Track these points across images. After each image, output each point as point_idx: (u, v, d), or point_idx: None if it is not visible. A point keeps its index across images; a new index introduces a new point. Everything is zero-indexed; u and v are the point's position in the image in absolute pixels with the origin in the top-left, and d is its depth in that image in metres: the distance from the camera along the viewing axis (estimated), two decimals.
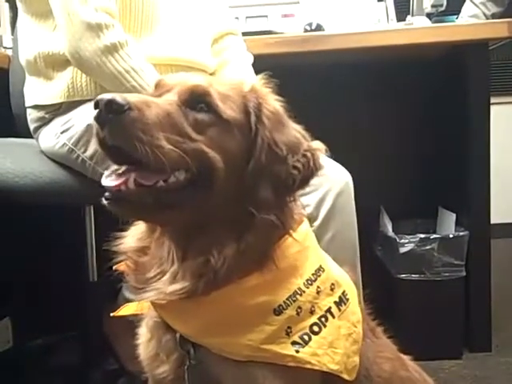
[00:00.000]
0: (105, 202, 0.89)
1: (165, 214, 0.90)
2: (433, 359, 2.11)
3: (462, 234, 2.21)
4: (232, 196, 0.91)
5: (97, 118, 0.87)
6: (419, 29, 2.26)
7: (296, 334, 0.94)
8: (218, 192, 0.90)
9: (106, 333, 1.87)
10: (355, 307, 1.04)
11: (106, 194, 0.89)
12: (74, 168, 1.65)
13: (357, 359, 0.98)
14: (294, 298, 0.94)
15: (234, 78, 1.31)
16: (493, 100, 2.27)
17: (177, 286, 0.91)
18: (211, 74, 1.83)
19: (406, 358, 1.09)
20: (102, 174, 1.55)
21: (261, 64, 1.87)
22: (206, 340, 0.94)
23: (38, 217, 2.11)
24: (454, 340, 2.21)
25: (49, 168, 1.67)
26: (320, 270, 1.00)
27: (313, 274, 0.98)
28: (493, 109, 2.23)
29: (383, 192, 2.53)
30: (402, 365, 1.06)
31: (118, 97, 0.85)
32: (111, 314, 1.12)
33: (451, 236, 2.21)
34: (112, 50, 1.53)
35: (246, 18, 2.89)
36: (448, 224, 2.36)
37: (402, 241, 2.20)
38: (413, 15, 2.60)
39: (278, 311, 0.93)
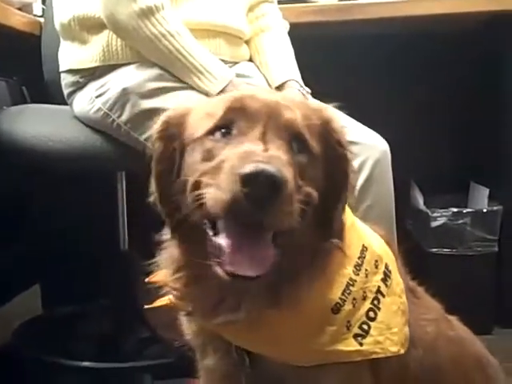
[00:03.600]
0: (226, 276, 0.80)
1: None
2: None
3: (495, 208, 2.18)
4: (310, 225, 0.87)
5: (254, 196, 0.74)
6: None
7: (355, 325, 0.91)
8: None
9: (137, 300, 1.87)
10: (397, 276, 1.01)
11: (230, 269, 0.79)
12: (108, 133, 1.64)
13: (407, 330, 0.96)
14: (348, 291, 0.92)
15: (313, 103, 1.19)
16: None
17: (247, 311, 0.87)
18: (246, 42, 1.81)
19: (452, 317, 1.07)
20: (136, 139, 1.57)
21: (297, 33, 1.86)
22: (268, 351, 0.91)
23: (70, 184, 2.12)
24: (485, 315, 2.18)
25: (82, 132, 1.67)
26: (364, 250, 0.97)
27: (359, 258, 0.95)
28: None
29: (414, 166, 2.50)
30: (447, 325, 1.03)
31: (276, 171, 0.74)
32: (145, 307, 1.10)
33: (484, 210, 2.18)
34: (148, 13, 1.51)
35: None
36: (481, 199, 2.32)
37: (435, 215, 2.17)
38: None
39: (336, 309, 0.90)
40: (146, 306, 1.11)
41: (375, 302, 0.94)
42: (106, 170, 1.86)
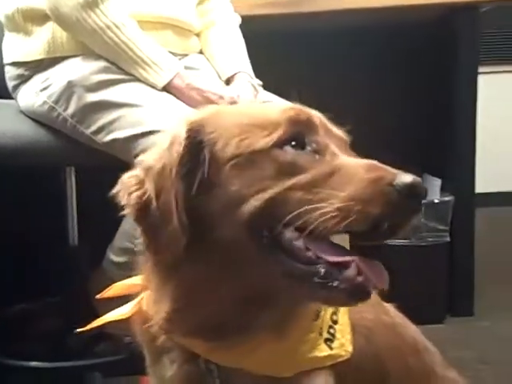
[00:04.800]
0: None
1: None
2: (416, 324, 2.11)
3: (447, 199, 2.21)
4: None
5: (414, 206, 0.72)
6: None
7: (325, 330, 0.88)
8: None
9: (87, 297, 1.84)
10: None
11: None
12: (54, 127, 1.60)
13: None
14: None
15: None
16: (481, 69, 2.26)
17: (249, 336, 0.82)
18: (196, 35, 1.80)
19: (387, 304, 1.06)
20: (82, 133, 1.55)
21: (250, 26, 1.84)
22: (248, 365, 0.85)
23: (18, 179, 2.07)
24: (437, 304, 2.22)
25: (28, 127, 1.63)
26: None
27: None
28: (481, 77, 2.22)
29: (370, 157, 2.51)
30: (384, 311, 1.03)
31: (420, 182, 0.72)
32: (97, 297, 1.06)
33: (436, 201, 2.21)
34: (92, 4, 1.49)
35: None
36: (433, 190, 2.35)
37: None
38: None
39: (316, 316, 0.88)
40: (97, 297, 1.07)
41: None
42: (54, 166, 1.82)
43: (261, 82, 1.70)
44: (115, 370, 1.74)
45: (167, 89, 1.53)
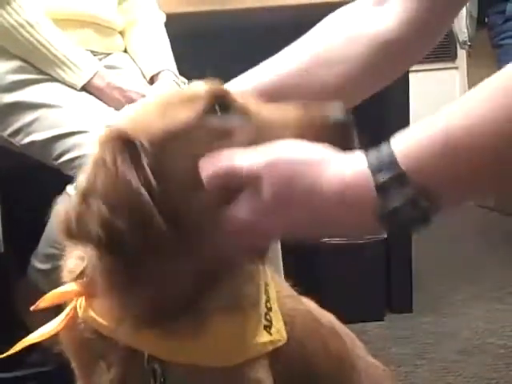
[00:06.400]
0: None
1: None
2: (356, 322, 2.11)
3: None
4: None
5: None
6: None
7: (262, 316, 0.87)
8: None
9: (15, 306, 1.78)
10: None
11: None
12: None
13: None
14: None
15: None
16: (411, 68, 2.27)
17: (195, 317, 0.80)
18: (120, 33, 1.75)
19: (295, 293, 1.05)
20: (0, 136, 1.48)
21: (175, 24, 1.81)
22: (196, 358, 0.83)
23: None
24: (376, 302, 2.22)
25: None
26: None
27: None
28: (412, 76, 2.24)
29: None
30: (299, 300, 1.02)
31: None
32: (31, 308, 1.00)
33: None
34: (3, 2, 1.44)
35: None
36: None
37: None
38: None
39: (256, 302, 0.86)
40: (31, 308, 1.00)
41: (267, 289, 0.90)
42: None
43: (186, 80, 1.66)
44: (45, 382, 1.68)
45: (87, 88, 1.49)
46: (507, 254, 2.83)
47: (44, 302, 0.94)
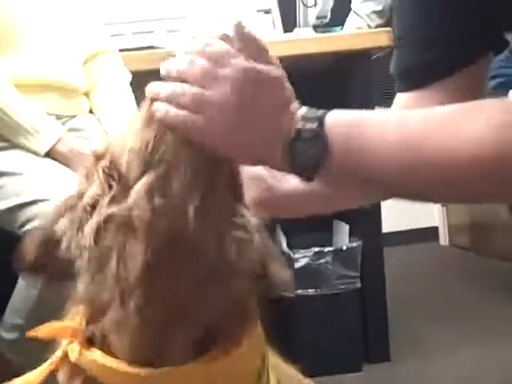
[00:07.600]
0: None
1: None
2: (333, 374, 2.09)
3: (354, 244, 2.20)
4: None
5: None
6: (304, 39, 2.26)
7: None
8: None
9: None
10: None
11: None
12: None
13: None
14: None
15: None
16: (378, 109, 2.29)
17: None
18: (85, 94, 1.75)
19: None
20: None
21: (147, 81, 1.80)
22: None
23: None
24: (353, 353, 2.19)
25: None
26: None
27: None
28: None
29: None
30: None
31: None
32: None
33: (344, 248, 2.20)
34: None
35: (133, 33, 2.84)
36: (342, 236, 2.35)
37: (297, 256, 2.16)
38: (299, 27, 2.61)
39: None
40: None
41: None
42: None
43: None
44: None
45: (51, 155, 1.47)
46: (485, 295, 2.83)
47: (41, 332, 0.90)
